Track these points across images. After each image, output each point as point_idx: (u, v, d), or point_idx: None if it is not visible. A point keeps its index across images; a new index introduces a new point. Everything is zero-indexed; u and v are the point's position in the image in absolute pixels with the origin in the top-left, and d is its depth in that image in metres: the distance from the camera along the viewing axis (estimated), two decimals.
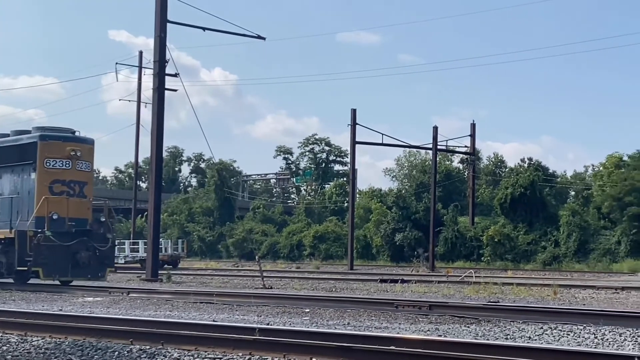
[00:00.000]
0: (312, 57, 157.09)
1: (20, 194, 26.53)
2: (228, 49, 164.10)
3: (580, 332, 12.86)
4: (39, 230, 25.15)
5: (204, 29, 37.50)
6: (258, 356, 10.08)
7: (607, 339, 12.02)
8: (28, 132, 27.75)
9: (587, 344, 11.57)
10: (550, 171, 73.15)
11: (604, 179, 65.04)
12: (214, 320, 14.84)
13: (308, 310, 17.29)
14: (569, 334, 12.65)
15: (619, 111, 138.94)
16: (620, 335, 12.39)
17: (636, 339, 11.99)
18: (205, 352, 10.46)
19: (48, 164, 26.03)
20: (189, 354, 10.39)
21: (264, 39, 38.49)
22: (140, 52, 54.56)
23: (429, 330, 13.57)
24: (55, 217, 25.53)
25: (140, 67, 53.12)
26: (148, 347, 11.02)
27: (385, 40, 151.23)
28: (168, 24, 34.83)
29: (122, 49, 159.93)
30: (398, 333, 12.65)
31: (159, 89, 34.63)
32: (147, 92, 45.54)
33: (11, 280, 26.25)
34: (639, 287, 28.78)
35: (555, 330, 13.16)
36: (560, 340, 12.03)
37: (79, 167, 26.83)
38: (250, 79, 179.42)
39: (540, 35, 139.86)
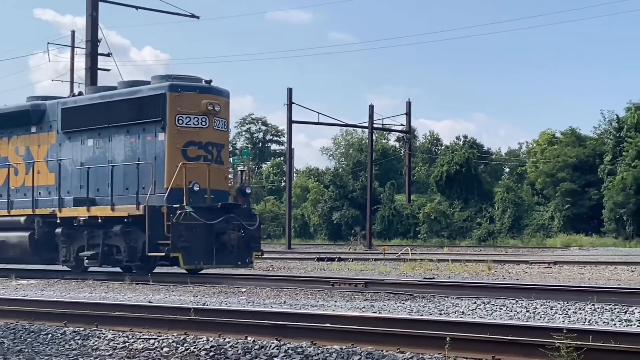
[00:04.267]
0: (244, 36, 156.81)
1: (143, 161, 21.06)
2: (160, 28, 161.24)
3: (512, 306, 13.25)
4: (177, 205, 19.96)
5: (136, 7, 36.84)
6: (193, 336, 10.16)
7: (539, 312, 12.44)
8: (146, 82, 22.33)
9: (519, 318, 11.95)
10: (485, 148, 75.19)
11: (537, 156, 67.33)
12: (149, 301, 14.83)
13: (245, 289, 17.36)
14: (501, 308, 13.04)
15: (551, 89, 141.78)
16: (551, 309, 12.80)
17: (566, 311, 12.43)
18: (140, 332, 10.47)
19: (181, 122, 20.75)
20: (124, 334, 10.42)
21: (197, 17, 38.26)
22: (73, 32, 53.48)
23: (364, 307, 13.85)
24: (196, 188, 20.47)
25: (72, 47, 52.19)
26: (82, 328, 11.00)
27: (316, 19, 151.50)
28: (100, 3, 34.50)
29: (49, 28, 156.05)
30: (334, 311, 12.93)
31: (92, 69, 34.29)
32: (79, 72, 45.09)
33: (119, 270, 22.11)
34: (571, 261, 29.91)
35: (488, 305, 13.55)
36: (493, 315, 12.38)
37: (216, 126, 21.49)
38: (182, 59, 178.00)
39: (473, 12, 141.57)
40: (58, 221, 22.29)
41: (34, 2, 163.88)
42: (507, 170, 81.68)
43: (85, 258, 21.70)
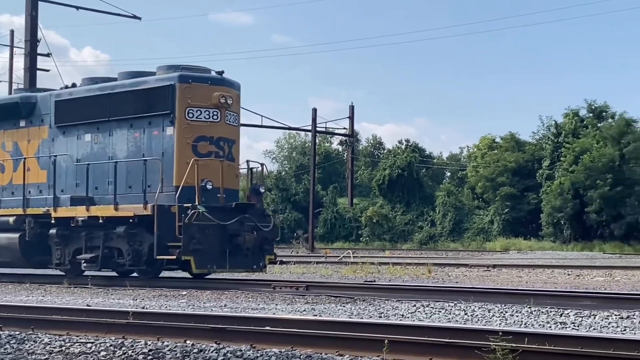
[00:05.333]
0: (186, 37, 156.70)
1: (148, 156, 19.98)
2: (101, 28, 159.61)
3: (451, 309, 13.57)
4: (189, 204, 18.80)
5: (77, 7, 36.87)
6: (131, 339, 10.14)
7: (477, 315, 12.73)
8: (150, 73, 21.07)
9: (457, 320, 12.22)
10: (427, 153, 76.54)
11: (478, 160, 68.77)
12: (87, 305, 14.72)
13: (185, 292, 17.26)
14: (440, 311, 13.33)
15: (491, 95, 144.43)
16: (489, 311, 13.13)
17: (504, 314, 12.74)
18: (77, 336, 10.45)
19: (191, 115, 19.64)
20: (60, 338, 10.40)
21: (139, 18, 38.39)
22: (12, 31, 53.56)
23: (305, 310, 14.00)
24: (209, 186, 19.47)
25: (11, 47, 52.03)
26: (18, 332, 10.92)
27: (258, 21, 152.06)
28: (40, 2, 34.44)
29: None
30: (274, 314, 13.08)
31: (31, 69, 34.10)
32: (18, 72, 44.71)
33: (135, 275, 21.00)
34: (509, 264, 30.72)
35: (427, 308, 13.83)
36: (432, 317, 12.66)
37: (228, 121, 20.39)
38: (123, 60, 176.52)
39: (416, 17, 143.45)
40: (52, 221, 20.94)
41: None
42: (449, 174, 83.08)
43: (83, 261, 20.42)
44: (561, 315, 12.60)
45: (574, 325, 11.51)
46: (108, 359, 9.13)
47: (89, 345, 9.86)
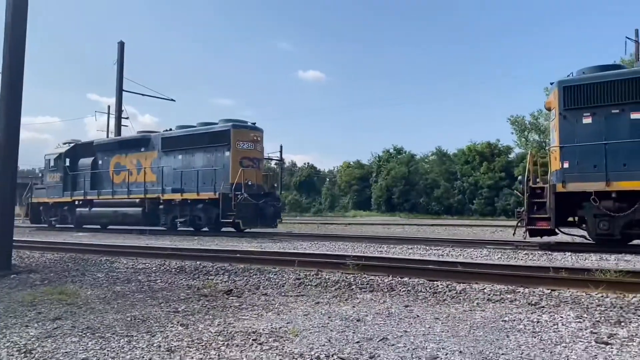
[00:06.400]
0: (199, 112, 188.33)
1: (216, 167, 31.27)
2: (154, 102, 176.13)
3: (329, 244, 21.28)
4: (238, 193, 29.62)
5: (142, 94, 51.40)
6: (168, 261, 15.00)
7: (340, 247, 19.94)
8: (214, 123, 32.71)
9: (331, 249, 19.12)
10: (318, 169, 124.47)
11: (342, 172, 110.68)
12: (146, 244, 21.07)
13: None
14: (323, 246, 20.79)
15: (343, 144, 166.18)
16: (346, 245, 21.07)
17: (353, 247, 19.68)
18: (142, 260, 15.07)
19: (239, 146, 31.17)
20: (132, 261, 15.04)
21: (174, 100, 53.85)
22: (108, 106, 67.96)
23: (256, 245, 20.34)
24: (250, 183, 30.59)
25: (108, 114, 67.24)
26: (110, 258, 15.76)
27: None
28: (123, 92, 46.18)
29: (95, 104, 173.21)
30: (241, 247, 19.31)
31: (118, 126, 46.69)
32: (112, 127, 58.50)
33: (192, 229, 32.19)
34: (355, 222, 42.33)
35: (318, 244, 21.52)
36: (320, 249, 19.39)
37: (258, 149, 31.96)
38: (167, 121, 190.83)
39: None
40: (161, 202, 33.24)
41: (87, 88, 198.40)
42: (328, 180, 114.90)
43: (178, 222, 32.27)
44: (380, 246, 20.50)
45: (385, 252, 18.39)
46: (155, 270, 13.83)
47: (146, 264, 14.96)
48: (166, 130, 34.95)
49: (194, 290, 11.13)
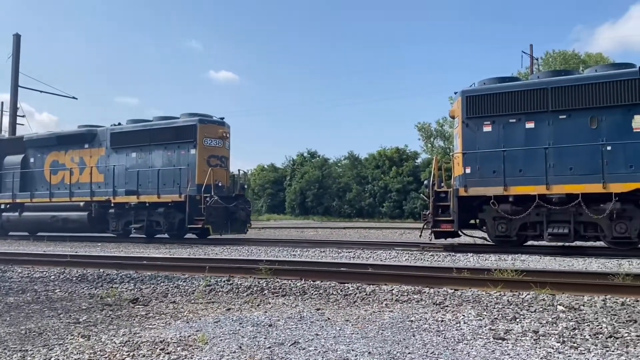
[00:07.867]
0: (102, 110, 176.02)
1: (179, 167, 28.14)
2: (53, 100, 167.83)
3: (242, 249, 21.25)
4: (207, 195, 27.01)
5: (40, 91, 52.00)
6: (69, 269, 14.78)
7: (254, 252, 19.84)
8: (176, 117, 29.62)
9: (244, 255, 19.32)
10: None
11: (255, 176, 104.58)
12: (44, 251, 20.35)
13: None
14: (236, 250, 20.92)
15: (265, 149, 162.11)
16: (259, 250, 20.88)
17: (266, 251, 19.90)
18: (39, 268, 14.89)
19: (206, 143, 28.27)
20: (27, 270, 14.70)
21: (76, 98, 50.87)
22: (2, 103, 64.21)
23: (165, 252, 20.59)
24: (220, 184, 27.93)
25: (1, 112, 63.44)
26: (3, 266, 15.45)
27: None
28: (19, 88, 43.30)
29: None
30: (148, 254, 19.33)
31: (13, 124, 42.99)
32: (4, 126, 56.04)
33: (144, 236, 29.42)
34: (269, 226, 41.01)
35: (230, 249, 21.41)
36: (232, 254, 19.75)
37: (226, 146, 29.14)
38: (67, 119, 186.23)
39: None
40: (112, 205, 29.86)
41: None
42: None
43: (133, 228, 29.27)
44: (293, 250, 21.06)
45: (299, 255, 19.01)
46: (54, 279, 13.39)
47: (43, 272, 14.62)
48: (115, 125, 31.55)
49: (96, 300, 10.88)
